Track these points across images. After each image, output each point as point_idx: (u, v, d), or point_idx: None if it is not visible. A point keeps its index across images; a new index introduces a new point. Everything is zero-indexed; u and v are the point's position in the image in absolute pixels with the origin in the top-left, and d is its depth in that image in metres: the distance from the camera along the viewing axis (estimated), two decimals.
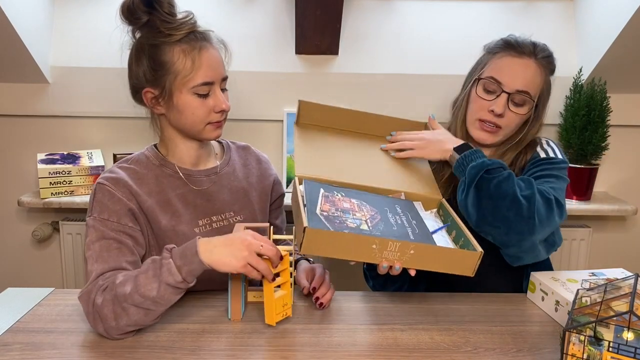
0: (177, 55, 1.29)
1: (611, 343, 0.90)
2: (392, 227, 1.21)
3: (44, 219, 2.46)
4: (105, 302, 1.12)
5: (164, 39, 1.30)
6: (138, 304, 1.10)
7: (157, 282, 1.11)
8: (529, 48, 1.49)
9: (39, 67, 2.19)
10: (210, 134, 1.39)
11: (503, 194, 1.31)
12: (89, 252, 1.23)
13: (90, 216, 1.29)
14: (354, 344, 1.12)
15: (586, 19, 2.29)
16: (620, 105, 2.32)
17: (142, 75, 1.34)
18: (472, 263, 1.15)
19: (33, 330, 1.15)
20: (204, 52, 1.31)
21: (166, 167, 1.41)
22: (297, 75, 2.30)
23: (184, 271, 1.12)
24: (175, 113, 1.35)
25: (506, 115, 1.48)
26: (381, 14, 2.33)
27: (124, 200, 1.30)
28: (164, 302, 1.13)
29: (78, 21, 2.30)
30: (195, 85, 1.30)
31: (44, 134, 2.37)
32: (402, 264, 1.14)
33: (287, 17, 2.27)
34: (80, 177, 2.23)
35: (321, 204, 1.22)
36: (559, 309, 1.26)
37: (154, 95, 1.35)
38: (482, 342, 1.15)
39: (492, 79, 1.50)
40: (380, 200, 1.33)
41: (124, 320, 1.11)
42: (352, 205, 1.25)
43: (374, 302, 1.35)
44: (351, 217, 1.20)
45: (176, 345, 1.10)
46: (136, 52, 1.36)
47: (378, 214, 1.26)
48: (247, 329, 1.18)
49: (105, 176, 1.33)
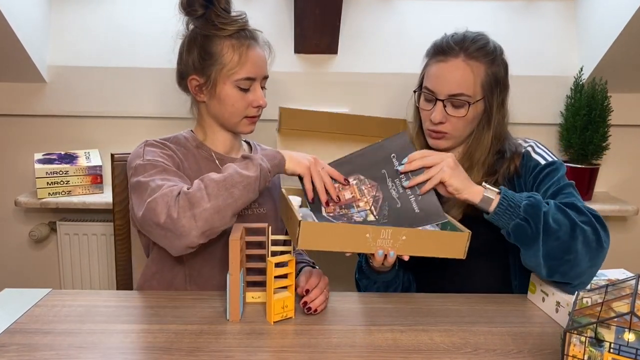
0: (226, 48, 1.41)
1: (612, 344, 0.90)
2: (397, 205, 1.28)
3: (41, 219, 2.46)
4: (197, 188, 1.21)
5: (216, 31, 1.41)
6: (235, 184, 1.22)
7: (254, 167, 1.26)
8: (454, 47, 1.45)
9: (36, 66, 2.19)
10: (244, 128, 1.50)
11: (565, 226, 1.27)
12: (149, 178, 1.29)
13: (142, 160, 1.35)
14: (353, 345, 1.12)
15: (587, 18, 2.29)
16: (621, 104, 2.32)
17: (190, 63, 1.45)
18: (462, 244, 1.22)
19: (30, 331, 1.15)
20: (251, 49, 1.43)
21: (202, 149, 1.51)
22: (296, 74, 2.30)
23: (271, 164, 1.30)
24: (216, 103, 1.45)
25: (448, 120, 1.47)
26: (381, 12, 2.33)
27: (174, 156, 1.42)
28: (256, 187, 1.25)
29: (75, 20, 2.30)
30: (239, 79, 1.41)
31: (41, 133, 2.37)
32: (396, 251, 1.19)
33: (286, 16, 2.27)
34: (77, 177, 2.23)
35: (324, 204, 1.31)
36: (560, 310, 1.26)
37: (198, 83, 1.45)
38: (482, 343, 1.15)
39: (426, 89, 1.50)
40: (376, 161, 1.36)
41: (218, 201, 1.20)
42: (353, 192, 1.31)
43: (373, 302, 1.35)
44: (356, 211, 1.27)
45: (174, 346, 1.09)
46: (189, 41, 1.46)
47: (379, 190, 1.31)
48: (246, 329, 1.18)
49: (151, 139, 1.46)
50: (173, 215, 1.17)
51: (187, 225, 1.17)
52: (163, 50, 2.23)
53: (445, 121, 1.47)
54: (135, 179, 1.31)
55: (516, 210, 1.26)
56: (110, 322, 1.19)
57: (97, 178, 2.27)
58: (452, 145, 1.52)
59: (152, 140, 1.44)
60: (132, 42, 2.30)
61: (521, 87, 1.73)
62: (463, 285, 1.47)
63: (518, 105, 1.58)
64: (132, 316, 1.23)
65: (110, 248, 2.33)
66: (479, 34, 1.49)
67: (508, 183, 1.48)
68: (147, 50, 2.29)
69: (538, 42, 2.36)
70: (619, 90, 2.32)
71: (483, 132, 1.50)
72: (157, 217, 1.18)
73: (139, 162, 1.34)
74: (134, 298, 1.33)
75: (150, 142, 1.43)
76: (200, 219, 1.17)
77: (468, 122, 1.47)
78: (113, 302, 1.30)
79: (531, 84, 2.32)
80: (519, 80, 1.66)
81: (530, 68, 2.33)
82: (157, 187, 1.24)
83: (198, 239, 1.19)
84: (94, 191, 2.27)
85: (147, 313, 1.25)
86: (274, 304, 1.19)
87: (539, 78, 2.33)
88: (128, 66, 2.29)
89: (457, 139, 1.51)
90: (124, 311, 1.25)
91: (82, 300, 1.30)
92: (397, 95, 2.29)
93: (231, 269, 1.18)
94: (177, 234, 1.18)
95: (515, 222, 1.26)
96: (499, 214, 1.28)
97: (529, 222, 1.25)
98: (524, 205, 1.26)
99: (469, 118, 1.46)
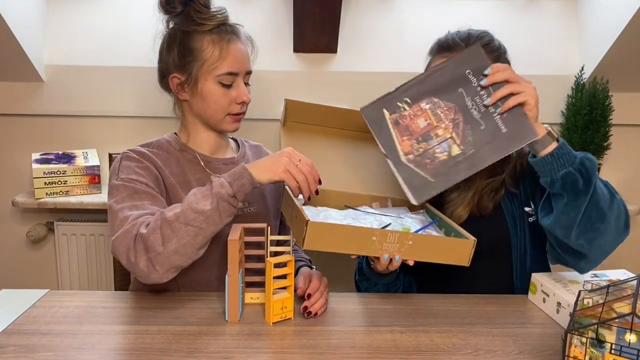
0: (206, 43, 1.39)
1: (613, 345, 0.90)
2: (480, 127, 1.23)
3: (38, 220, 2.46)
4: (151, 230, 1.16)
5: (196, 27, 1.40)
6: (189, 222, 1.16)
7: (211, 197, 1.19)
8: (459, 43, 1.45)
9: (34, 65, 2.19)
10: (228, 126, 1.48)
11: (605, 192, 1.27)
12: (119, 205, 1.27)
13: (117, 179, 1.34)
14: (353, 346, 1.12)
15: (588, 17, 2.30)
16: (622, 104, 2.32)
17: (171, 61, 1.43)
18: (467, 251, 1.22)
19: (27, 332, 1.14)
20: (232, 44, 1.41)
21: (186, 152, 1.49)
22: (295, 74, 2.30)
23: (235, 186, 1.21)
24: (199, 100, 1.43)
25: None
26: (381, 11, 2.33)
27: (151, 168, 1.39)
28: (216, 219, 1.19)
29: (73, 19, 2.30)
30: (220, 74, 1.40)
31: (39, 133, 2.37)
32: (401, 255, 1.19)
33: (285, 15, 2.27)
34: (75, 177, 2.23)
35: (399, 141, 1.26)
36: (561, 311, 1.26)
37: (180, 80, 1.44)
38: (483, 344, 1.15)
39: None
40: (451, 79, 1.26)
41: (172, 243, 1.15)
42: (428, 117, 1.26)
43: (372, 303, 1.35)
44: (437, 143, 1.24)
45: (172, 347, 1.09)
46: (168, 38, 1.45)
47: (457, 111, 1.25)
48: (245, 330, 1.18)
49: (130, 149, 1.42)
50: (131, 259, 1.16)
51: (146, 270, 1.16)
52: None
53: None
54: (109, 202, 1.31)
55: (572, 159, 1.23)
56: (108, 323, 1.19)
57: (95, 178, 2.27)
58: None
59: (129, 152, 1.41)
60: (130, 41, 2.30)
61: None
62: (465, 286, 1.47)
63: None
64: (130, 317, 1.23)
65: (108, 248, 2.33)
66: (484, 31, 1.49)
67: (514, 183, 1.48)
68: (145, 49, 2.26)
69: (538, 41, 2.37)
70: (621, 90, 2.32)
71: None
72: (120, 257, 1.18)
73: (114, 182, 1.33)
74: (132, 299, 1.33)
75: (127, 155, 1.40)
76: (157, 263, 1.16)
77: None
78: (111, 303, 1.30)
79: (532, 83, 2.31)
80: None
81: (531, 67, 2.33)
82: (123, 220, 1.22)
83: (161, 278, 1.19)
84: (92, 191, 2.27)
85: (145, 314, 1.24)
86: (273, 304, 1.19)
87: (539, 77, 2.33)
88: (126, 65, 2.29)
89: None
90: (122, 312, 1.25)
91: (80, 301, 1.30)
92: None
93: (230, 269, 1.18)
94: (138, 275, 1.18)
95: (568, 169, 1.22)
96: (554, 157, 1.23)
97: (582, 174, 1.22)
98: (580, 157, 1.24)
99: None
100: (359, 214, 1.36)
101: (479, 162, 1.23)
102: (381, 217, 1.35)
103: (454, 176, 1.24)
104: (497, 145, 1.23)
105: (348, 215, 1.34)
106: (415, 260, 1.21)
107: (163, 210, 1.19)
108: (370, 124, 1.28)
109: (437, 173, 1.24)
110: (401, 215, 1.39)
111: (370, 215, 1.35)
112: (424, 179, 1.22)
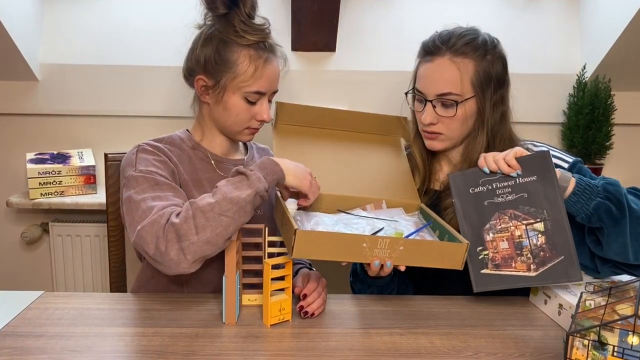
0: (242, 57, 1.38)
1: (616, 348, 0.90)
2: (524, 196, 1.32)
3: (33, 220, 2.45)
4: (184, 219, 1.15)
5: (236, 38, 1.37)
6: (224, 212, 1.15)
7: (248, 189, 1.18)
8: (439, 46, 1.45)
9: (28, 64, 2.19)
10: (244, 137, 1.50)
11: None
12: (141, 196, 1.26)
13: (135, 170, 1.32)
14: (352, 348, 1.12)
15: (590, 15, 2.30)
16: (624, 103, 2.32)
17: (202, 61, 1.41)
18: (460, 255, 1.23)
19: (22, 334, 1.14)
20: (268, 64, 1.41)
21: (199, 150, 1.50)
22: (293, 72, 2.29)
23: (269, 180, 1.23)
24: (221, 109, 1.43)
25: (440, 120, 1.47)
26: (380, 9, 2.33)
27: (168, 162, 1.39)
28: (248, 210, 1.19)
29: (69, 17, 2.30)
30: (249, 92, 1.40)
31: (33, 133, 2.37)
32: (393, 261, 1.19)
33: (283, 13, 2.27)
34: (70, 177, 2.23)
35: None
36: (562, 313, 1.26)
37: (206, 84, 1.42)
38: (483, 346, 1.15)
39: (417, 91, 1.50)
40: (472, 200, 1.37)
41: (206, 233, 1.13)
42: (502, 239, 1.32)
43: (371, 305, 1.35)
44: (528, 239, 1.31)
45: (169, 350, 1.09)
46: (205, 38, 1.41)
47: (499, 210, 1.34)
48: (242, 332, 1.18)
49: (144, 142, 1.42)
50: (161, 248, 1.14)
51: (176, 259, 1.14)
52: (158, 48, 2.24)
53: (436, 122, 1.47)
54: (127, 194, 1.28)
55: (594, 190, 1.26)
56: (103, 326, 1.19)
57: (90, 178, 2.27)
58: (448, 146, 1.52)
59: (145, 145, 1.40)
60: (126, 39, 2.29)
61: (523, 85, 1.72)
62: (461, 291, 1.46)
63: (519, 104, 1.58)
64: (126, 319, 1.23)
65: (104, 249, 2.33)
66: (469, 28, 1.48)
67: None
68: (142, 47, 2.29)
69: (540, 39, 2.37)
70: (623, 89, 2.32)
71: (478, 132, 1.49)
72: (146, 246, 1.16)
73: (132, 173, 1.31)
74: (128, 300, 1.33)
75: (143, 148, 1.39)
76: (189, 252, 1.14)
77: (461, 121, 1.46)
78: (107, 305, 1.30)
79: (533, 82, 2.32)
80: (521, 78, 1.66)
81: (532, 66, 2.33)
82: (147, 210, 1.21)
83: (189, 268, 1.17)
84: (87, 191, 2.27)
85: (141, 316, 1.24)
86: (270, 306, 1.19)
87: (540, 76, 2.33)
88: (122, 64, 2.29)
89: (453, 140, 1.51)
90: (117, 314, 1.25)
91: (75, 303, 1.30)
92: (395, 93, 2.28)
93: (227, 271, 1.18)
94: (166, 265, 1.16)
95: (596, 201, 1.25)
96: (577, 195, 1.27)
97: (611, 200, 1.24)
98: (602, 184, 1.26)
99: (460, 117, 1.45)
100: (351, 218, 1.36)
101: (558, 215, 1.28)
102: (374, 220, 1.35)
103: (566, 242, 1.28)
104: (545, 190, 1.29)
105: (340, 220, 1.34)
106: (407, 265, 1.21)
107: (194, 200, 1.19)
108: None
109: (557, 252, 1.28)
110: (395, 217, 1.39)
111: (362, 219, 1.36)
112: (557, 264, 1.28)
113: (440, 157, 1.61)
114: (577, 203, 1.27)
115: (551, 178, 1.28)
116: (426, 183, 1.59)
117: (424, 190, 1.57)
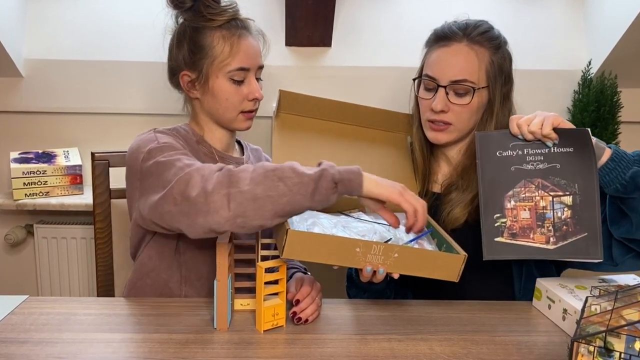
0: (216, 39, 1.42)
1: (622, 354, 0.90)
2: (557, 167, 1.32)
3: (17, 222, 2.45)
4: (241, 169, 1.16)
5: (206, 22, 1.42)
6: (283, 178, 1.12)
7: (316, 168, 1.15)
8: (457, 32, 1.47)
9: (12, 59, 2.18)
10: (241, 124, 1.51)
11: None
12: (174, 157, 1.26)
13: (156, 142, 1.34)
14: (348, 355, 1.12)
15: (596, 9, 2.30)
16: (632, 100, 2.32)
17: (181, 58, 1.46)
18: (457, 267, 1.21)
19: (5, 340, 1.14)
20: (243, 39, 1.44)
21: (203, 145, 1.52)
22: (288, 68, 2.29)
23: (343, 175, 1.15)
24: (210, 98, 1.46)
25: (451, 109, 1.47)
26: (377, 3, 2.33)
27: (185, 146, 1.41)
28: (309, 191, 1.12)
29: (54, 10, 2.29)
30: (232, 70, 1.42)
31: (17, 131, 2.36)
32: (386, 268, 1.18)
33: (277, 7, 2.27)
34: (56, 177, 2.22)
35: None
36: (567, 318, 1.26)
37: (190, 78, 1.46)
38: (485, 353, 1.15)
39: (427, 77, 1.50)
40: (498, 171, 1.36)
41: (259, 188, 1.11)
42: (524, 207, 1.33)
43: (368, 310, 1.35)
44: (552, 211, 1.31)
45: (158, 356, 1.09)
46: (178, 35, 1.48)
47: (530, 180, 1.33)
48: (234, 338, 1.17)
49: (156, 129, 1.44)
50: (207, 188, 1.12)
51: (219, 202, 1.11)
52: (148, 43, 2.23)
53: (447, 110, 1.47)
54: (152, 161, 1.27)
55: (631, 159, 1.27)
56: (90, 331, 1.19)
57: (77, 178, 2.26)
58: (453, 139, 1.52)
59: (160, 128, 1.44)
60: (114, 34, 2.29)
61: (526, 82, 1.73)
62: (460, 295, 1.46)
63: (523, 101, 1.58)
64: (114, 324, 1.22)
65: (91, 252, 2.32)
66: (482, 20, 1.51)
67: None
68: (130, 43, 2.28)
69: (544, 35, 2.37)
70: (630, 85, 2.32)
71: (486, 126, 1.50)
72: (190, 189, 1.13)
73: (154, 145, 1.32)
74: (116, 305, 1.33)
75: (159, 130, 1.43)
76: (234, 200, 1.10)
77: (472, 111, 1.48)
78: (94, 310, 1.29)
79: (537, 78, 2.32)
80: (524, 75, 1.66)
81: (536, 62, 2.34)
82: (185, 166, 1.20)
83: (226, 222, 1.12)
84: (73, 192, 2.26)
85: (129, 321, 1.24)
86: (264, 311, 1.19)
87: (544, 72, 2.34)
88: (110, 60, 2.28)
89: (460, 132, 1.51)
90: (105, 319, 1.25)
91: (61, 308, 1.29)
92: (393, 89, 2.29)
93: (218, 274, 1.18)
94: (204, 209, 1.12)
95: (634, 169, 1.25)
96: (615, 162, 1.27)
97: None
98: (638, 154, 1.28)
99: (473, 107, 1.46)
100: (350, 221, 1.36)
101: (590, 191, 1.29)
102: (374, 224, 1.34)
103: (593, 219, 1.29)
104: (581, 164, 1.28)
105: (339, 222, 1.33)
106: (401, 273, 1.20)
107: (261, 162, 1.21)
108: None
109: (582, 228, 1.29)
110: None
111: (362, 222, 1.35)
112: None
113: (440, 157, 1.61)
114: (613, 170, 1.27)
115: (589, 152, 1.27)
116: (425, 184, 1.59)
117: (424, 193, 1.57)
